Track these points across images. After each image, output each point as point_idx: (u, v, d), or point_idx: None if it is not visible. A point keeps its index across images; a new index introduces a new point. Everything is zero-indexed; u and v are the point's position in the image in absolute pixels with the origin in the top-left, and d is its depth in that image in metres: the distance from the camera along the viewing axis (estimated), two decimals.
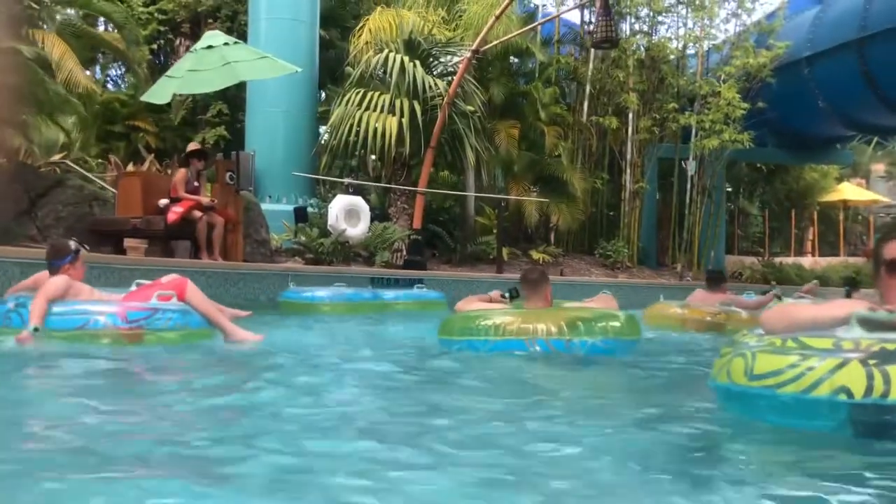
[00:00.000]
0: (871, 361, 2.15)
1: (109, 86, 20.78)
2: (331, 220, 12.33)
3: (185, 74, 9.50)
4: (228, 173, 10.01)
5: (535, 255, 15.53)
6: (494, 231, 15.15)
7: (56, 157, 12.51)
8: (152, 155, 15.28)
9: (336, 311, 7.95)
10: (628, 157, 17.17)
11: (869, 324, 2.31)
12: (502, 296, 5.30)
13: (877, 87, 15.26)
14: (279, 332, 5.84)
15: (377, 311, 8.30)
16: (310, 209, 13.69)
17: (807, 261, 22.55)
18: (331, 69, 18.25)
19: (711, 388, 2.71)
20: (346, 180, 13.60)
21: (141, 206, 9.12)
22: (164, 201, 9.05)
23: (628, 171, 17.17)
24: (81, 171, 10.77)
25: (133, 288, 4.94)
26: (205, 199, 9.21)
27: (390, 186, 14.23)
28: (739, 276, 19.47)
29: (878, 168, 29.47)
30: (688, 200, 17.88)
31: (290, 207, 13.60)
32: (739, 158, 19.80)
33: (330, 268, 10.80)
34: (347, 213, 12.50)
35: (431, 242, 15.04)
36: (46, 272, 4.75)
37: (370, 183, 15.08)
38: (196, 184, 9.31)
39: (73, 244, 4.79)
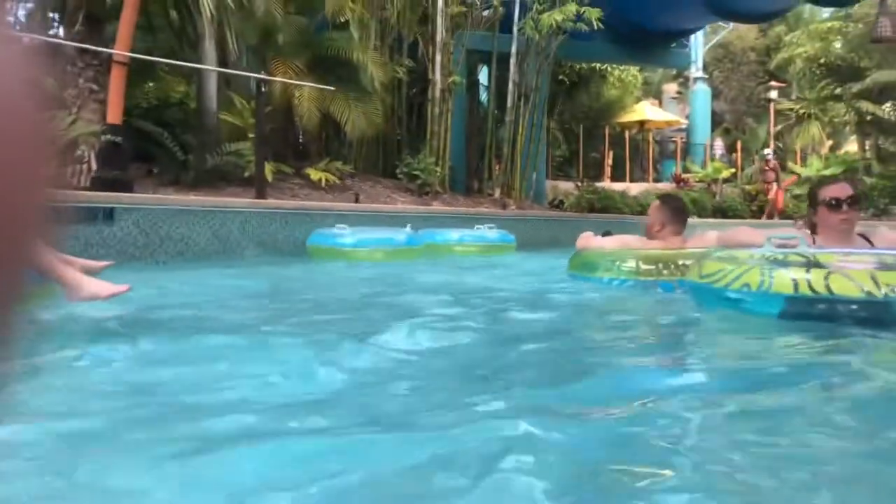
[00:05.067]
0: None
1: None
2: None
3: None
4: None
5: (315, 174, 10.35)
6: (250, 136, 9.74)
7: None
8: None
9: (372, 257, 6.93)
10: (438, 38, 12.38)
11: None
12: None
13: None
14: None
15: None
16: None
17: (619, 186, 19.47)
18: None
19: None
20: None
21: None
22: None
23: (438, 58, 12.40)
24: None
25: None
26: None
27: (62, 43, 8.20)
28: (561, 205, 15.78)
29: (670, 89, 27.49)
30: (509, 105, 13.60)
31: None
32: (560, 57, 15.79)
33: None
34: None
35: (146, 151, 9.34)
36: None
37: (30, 34, 8.82)
38: None
39: None
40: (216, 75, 9.90)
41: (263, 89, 8.78)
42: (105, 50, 7.76)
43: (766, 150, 20.31)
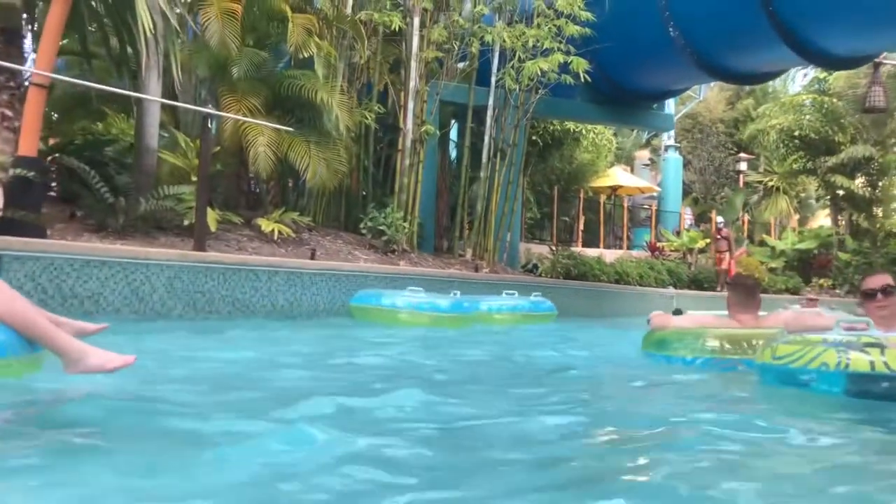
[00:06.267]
0: None
1: None
2: None
3: None
4: None
5: (267, 225, 9.12)
6: (194, 179, 8.51)
7: None
8: None
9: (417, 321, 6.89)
10: (412, 84, 11.38)
11: None
12: None
13: (773, 10, 10.97)
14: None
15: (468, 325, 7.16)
16: None
17: (592, 252, 18.48)
18: None
19: None
20: None
21: None
22: None
23: (410, 105, 11.38)
24: None
25: None
26: None
27: None
28: (535, 269, 14.68)
29: (642, 155, 26.95)
30: (483, 161, 12.60)
31: None
32: (537, 114, 14.87)
33: None
34: None
35: (70, 191, 8.07)
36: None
37: None
38: None
39: None
40: (158, 110, 8.71)
41: (211, 124, 7.61)
42: (20, 67, 6.55)
43: (719, 219, 19.64)
